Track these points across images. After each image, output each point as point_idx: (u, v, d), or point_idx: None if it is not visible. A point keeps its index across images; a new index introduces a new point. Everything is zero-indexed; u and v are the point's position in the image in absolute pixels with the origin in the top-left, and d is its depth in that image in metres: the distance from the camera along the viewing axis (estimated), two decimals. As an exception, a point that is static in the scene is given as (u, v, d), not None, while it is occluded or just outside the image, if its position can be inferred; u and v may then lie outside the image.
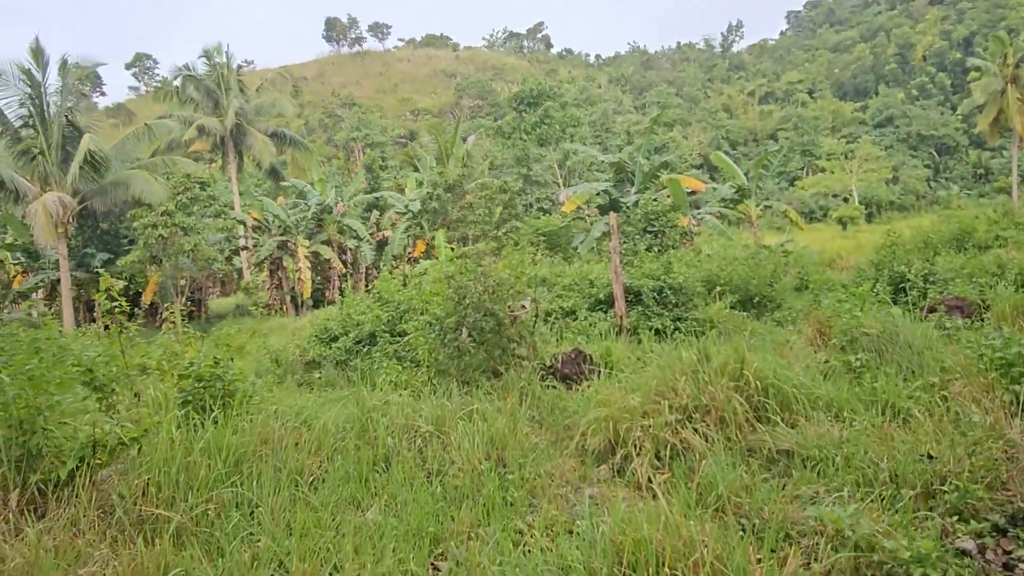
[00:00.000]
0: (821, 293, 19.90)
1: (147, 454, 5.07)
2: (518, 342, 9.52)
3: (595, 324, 14.56)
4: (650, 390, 6.85)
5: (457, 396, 7.97)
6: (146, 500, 4.64)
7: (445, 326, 9.09)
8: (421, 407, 7.39)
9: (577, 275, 16.51)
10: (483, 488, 5.57)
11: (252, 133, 46.30)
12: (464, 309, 8.89)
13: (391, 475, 5.82)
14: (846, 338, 9.06)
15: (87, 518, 4.36)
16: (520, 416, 7.37)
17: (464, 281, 9.02)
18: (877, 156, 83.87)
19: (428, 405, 7.47)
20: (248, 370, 15.39)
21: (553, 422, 7.70)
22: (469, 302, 8.80)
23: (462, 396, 8.56)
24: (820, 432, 6.00)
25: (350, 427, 6.98)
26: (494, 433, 6.47)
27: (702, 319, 15.00)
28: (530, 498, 5.63)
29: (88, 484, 4.61)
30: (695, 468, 5.78)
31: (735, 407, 6.40)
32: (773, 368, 6.96)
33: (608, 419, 6.58)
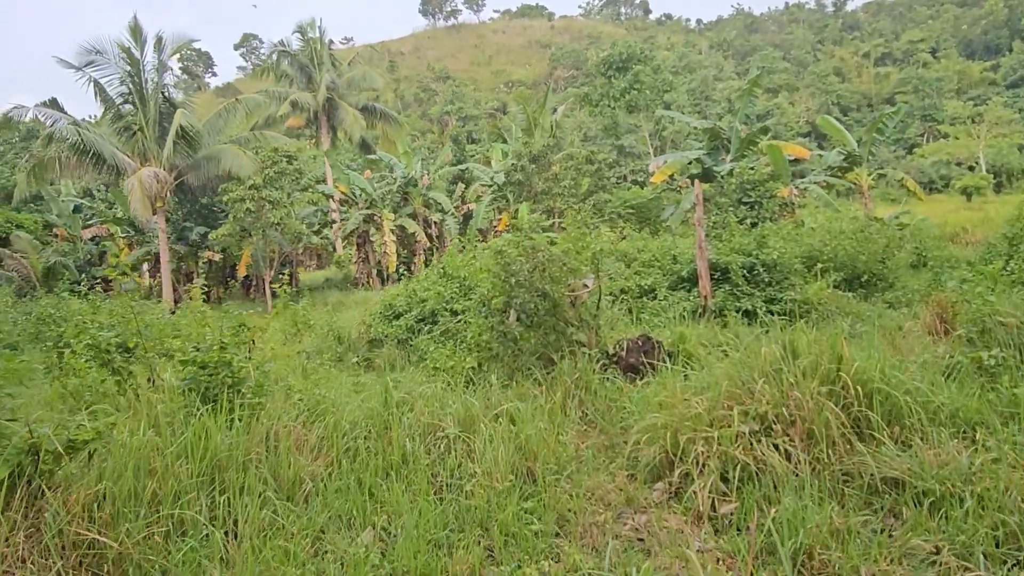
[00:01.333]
0: (942, 271, 17.63)
1: (104, 460, 4.35)
2: (577, 326, 8.41)
3: (676, 304, 13.21)
4: (720, 392, 5.62)
5: (498, 388, 6.97)
6: (87, 519, 3.90)
7: (492, 307, 8.10)
8: (452, 401, 6.44)
9: (659, 250, 15.12)
10: (501, 511, 4.57)
11: (343, 107, 46.56)
12: (512, 288, 7.86)
13: (395, 489, 4.91)
14: (976, 328, 7.43)
15: (11, 542, 3.65)
16: (565, 416, 6.31)
17: (513, 256, 7.97)
18: (1010, 120, 76.17)
19: (460, 399, 6.51)
20: (311, 346, 15.01)
21: (608, 424, 6.59)
22: (516, 281, 7.75)
23: (507, 387, 7.58)
24: (942, 457, 4.64)
25: (370, 423, 6.12)
26: (526, 438, 5.43)
27: (799, 300, 13.35)
28: (557, 528, 4.58)
29: (26, 497, 3.92)
30: (771, 497, 4.57)
31: (827, 419, 5.09)
32: (879, 367, 5.57)
33: (667, 427, 5.42)
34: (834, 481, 4.71)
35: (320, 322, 17.07)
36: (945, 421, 5.38)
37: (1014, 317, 7.33)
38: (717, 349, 9.59)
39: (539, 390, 7.37)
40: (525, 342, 8.25)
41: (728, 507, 4.70)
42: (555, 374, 7.74)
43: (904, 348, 9.59)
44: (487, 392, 6.89)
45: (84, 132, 27.79)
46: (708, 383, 5.91)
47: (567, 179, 31.15)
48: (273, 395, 6.56)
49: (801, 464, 4.83)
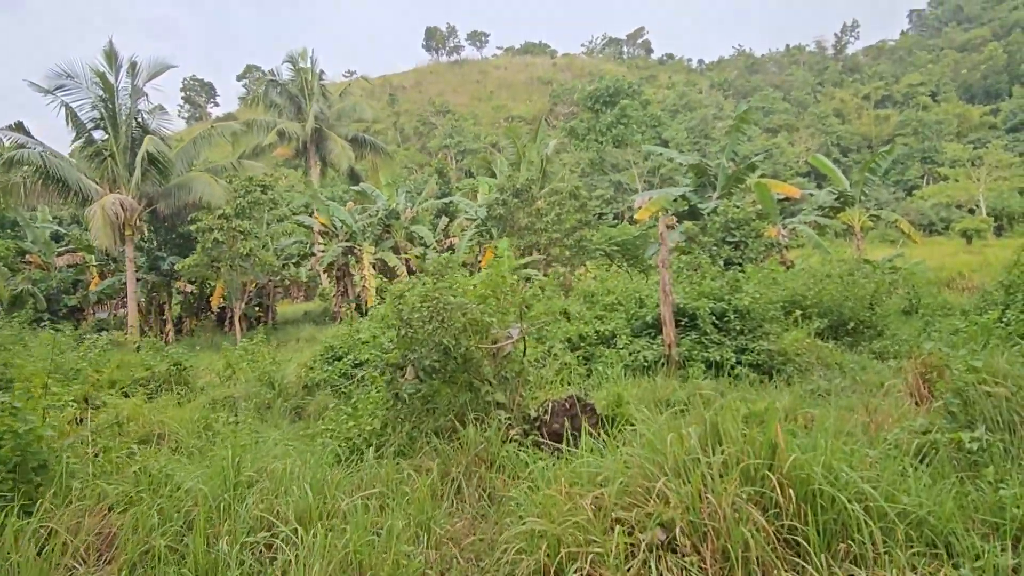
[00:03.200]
0: (934, 320, 16.42)
1: None
2: (495, 385, 7.18)
3: (637, 353, 11.98)
4: (622, 489, 4.39)
5: (374, 463, 5.73)
6: None
7: (387, 362, 6.90)
8: (307, 480, 5.20)
9: (624, 292, 13.93)
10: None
11: (332, 138, 46.00)
12: (409, 341, 6.67)
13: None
14: (957, 400, 6.19)
15: None
16: (438, 505, 5.06)
17: (411, 303, 6.79)
18: (1010, 163, 75.52)
19: (321, 477, 5.27)
20: (240, 392, 13.76)
21: (501, 515, 5.33)
22: (411, 333, 6.56)
23: (404, 458, 6.36)
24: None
25: (197, 510, 4.87)
26: (355, 548, 4.19)
27: (775, 351, 12.12)
28: None
29: None
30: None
31: (751, 534, 3.85)
32: (825, 460, 4.34)
33: (546, 538, 4.17)
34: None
35: (269, 361, 15.85)
36: (908, 534, 4.13)
37: (1004, 387, 6.11)
38: (668, 412, 8.38)
39: (433, 464, 6.14)
40: (428, 402, 7.03)
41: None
42: (460, 444, 6.51)
43: (882, 413, 8.38)
44: (359, 468, 5.66)
45: (48, 157, 26.89)
46: (611, 474, 4.67)
47: (551, 214, 30.12)
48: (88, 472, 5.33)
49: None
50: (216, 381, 14.89)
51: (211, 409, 12.53)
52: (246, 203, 28.37)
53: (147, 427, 9.13)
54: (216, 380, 14.90)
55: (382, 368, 7.02)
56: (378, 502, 5.03)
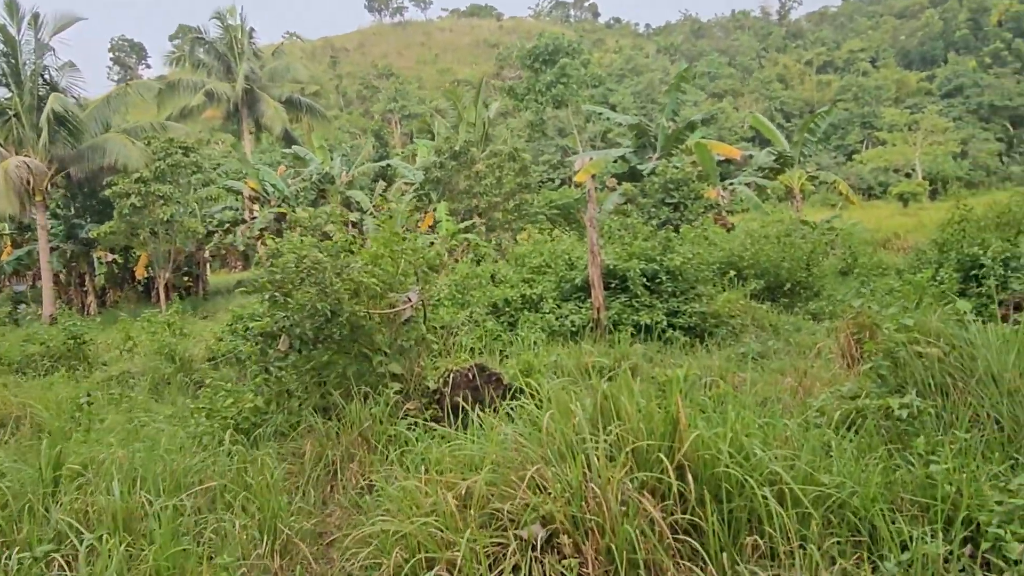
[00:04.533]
0: (869, 279, 16.24)
1: None
2: (389, 355, 6.41)
3: (565, 318, 11.35)
4: (502, 476, 3.69)
5: (227, 448, 4.92)
6: None
7: (257, 333, 6.06)
8: (153, 469, 4.36)
9: (552, 253, 13.23)
10: None
11: (264, 99, 43.89)
12: (282, 307, 5.83)
13: None
14: (887, 362, 5.67)
15: None
16: (302, 497, 4.30)
17: (281, 265, 5.93)
18: (944, 128, 77.29)
19: (163, 467, 4.44)
20: (138, 366, 12.70)
21: (372, 506, 4.58)
22: (283, 298, 5.72)
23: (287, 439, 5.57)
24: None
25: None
26: (159, 560, 3.39)
27: (707, 313, 11.63)
28: None
29: None
30: None
31: (644, 529, 3.20)
32: (735, 435, 3.71)
33: (401, 539, 3.45)
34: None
35: (172, 332, 14.71)
36: (829, 519, 3.55)
37: (937, 347, 5.60)
38: (584, 380, 7.76)
39: (310, 446, 5.36)
40: (317, 375, 6.23)
41: None
42: (347, 421, 5.75)
43: (811, 377, 7.91)
44: (216, 452, 4.84)
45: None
46: (487, 459, 3.96)
47: (490, 177, 29.22)
48: None
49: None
50: (116, 356, 13.77)
51: (104, 386, 11.50)
52: (166, 166, 26.64)
53: (7, 408, 8.11)
54: (117, 355, 13.78)
55: (252, 338, 6.19)
56: (213, 497, 4.24)
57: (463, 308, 11.42)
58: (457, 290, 12.34)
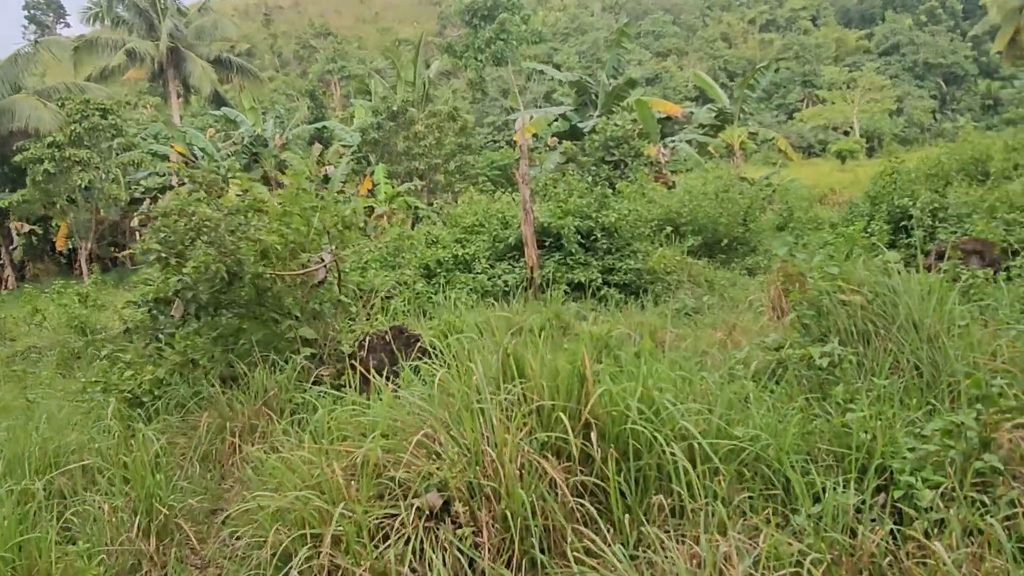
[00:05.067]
0: (803, 233, 16.40)
1: None
2: (300, 319, 6.03)
3: (499, 277, 11.08)
4: (398, 443, 3.41)
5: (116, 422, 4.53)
6: None
7: (148, 299, 5.62)
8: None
9: (485, 212, 12.90)
10: None
11: (191, 58, 41.88)
12: (174, 271, 5.40)
13: None
14: (811, 310, 5.57)
15: None
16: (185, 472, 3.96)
17: (172, 224, 5.47)
18: (881, 86, 78.91)
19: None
20: (46, 341, 12.00)
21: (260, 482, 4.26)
22: (174, 259, 5.29)
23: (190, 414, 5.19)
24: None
25: None
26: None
27: (643, 269, 11.51)
28: None
29: None
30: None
31: (544, 494, 2.97)
32: (645, 391, 3.50)
33: (282, 514, 3.16)
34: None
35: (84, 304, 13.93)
36: (742, 473, 3.39)
37: (861, 294, 5.51)
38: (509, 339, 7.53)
39: (206, 418, 5.00)
40: (223, 342, 5.83)
41: None
42: (253, 391, 5.39)
43: (740, 330, 7.85)
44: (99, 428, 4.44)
45: None
46: (390, 424, 3.67)
47: (429, 138, 28.54)
48: None
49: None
50: (25, 330, 13.00)
51: (7, 362, 10.83)
52: (82, 130, 25.18)
53: None
54: (26, 329, 13.01)
55: (143, 304, 5.74)
56: (94, 478, 3.86)
57: (393, 270, 11.05)
58: (388, 252, 11.94)
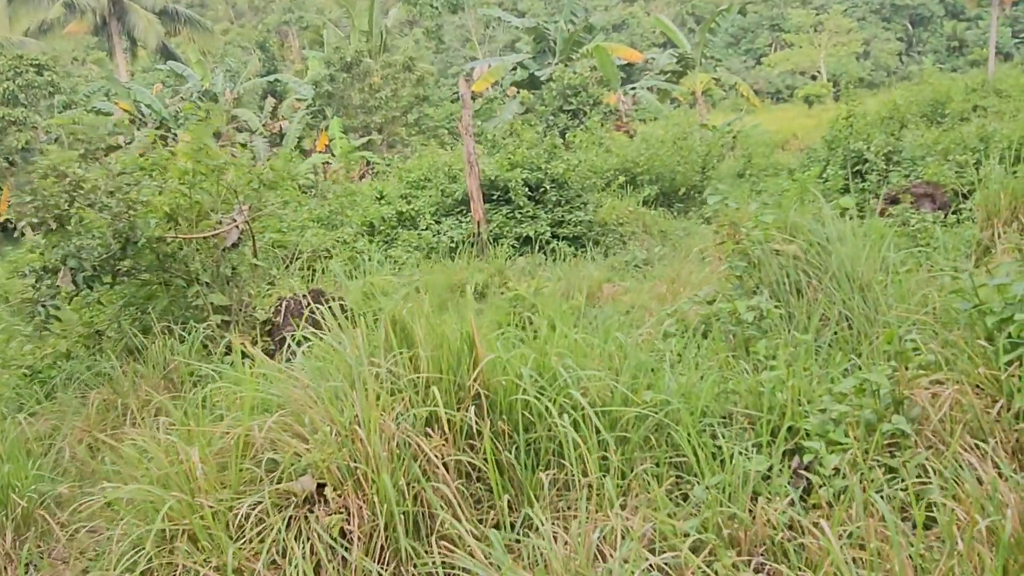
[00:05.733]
0: (760, 180, 16.21)
1: None
2: (210, 285, 5.67)
3: (444, 234, 10.74)
4: (280, 421, 3.13)
5: None
6: None
7: (32, 268, 5.22)
8: None
9: (431, 167, 12.46)
10: None
11: (135, 10, 40.02)
12: (59, 236, 4.99)
13: None
14: (743, 261, 5.35)
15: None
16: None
17: (47, 185, 5.04)
18: (848, 28, 78.25)
19: None
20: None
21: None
22: (58, 220, 4.88)
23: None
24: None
25: None
26: None
27: (594, 221, 11.24)
28: None
29: None
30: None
31: (421, 474, 2.72)
32: (541, 355, 3.25)
33: (138, 506, 2.88)
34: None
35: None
36: (648, 440, 3.17)
37: (796, 243, 5.28)
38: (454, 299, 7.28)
39: (95, 395, 4.68)
40: (133, 310, 5.47)
41: None
42: (151, 364, 5.06)
43: (680, 282, 7.65)
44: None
45: None
46: (275, 398, 3.37)
47: (386, 90, 27.70)
48: None
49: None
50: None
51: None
52: (16, 87, 23.99)
53: None
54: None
55: (29, 274, 5.33)
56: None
57: (335, 229, 10.65)
58: (331, 210, 11.51)
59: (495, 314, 5.39)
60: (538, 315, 3.84)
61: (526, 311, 5.00)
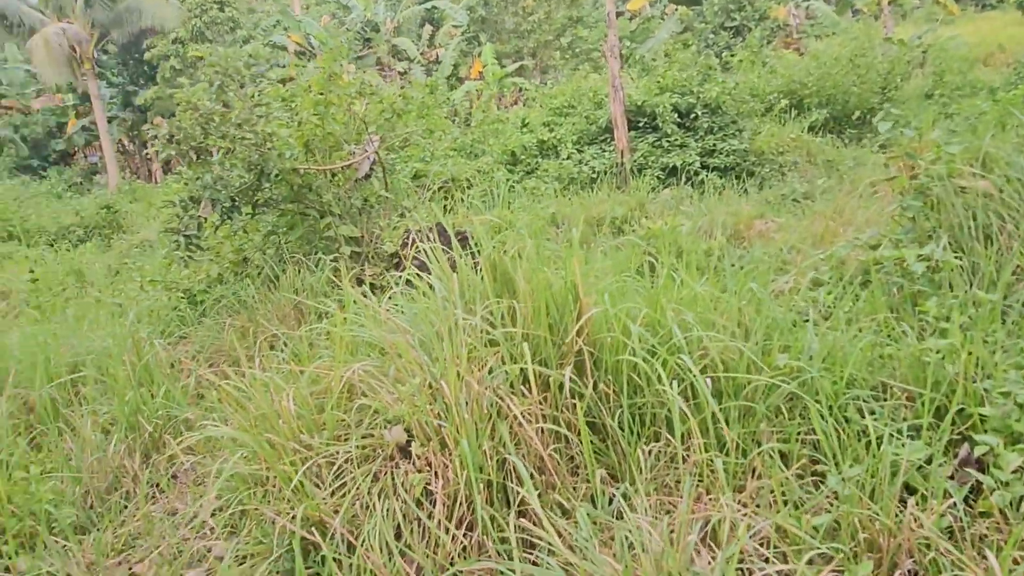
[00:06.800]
0: (953, 101, 14.10)
1: None
2: (341, 216, 5.72)
3: (586, 163, 10.29)
4: (376, 368, 3.02)
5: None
6: None
7: (179, 199, 5.44)
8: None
9: (575, 92, 11.88)
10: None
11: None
12: (201, 168, 5.14)
13: None
14: (918, 200, 4.56)
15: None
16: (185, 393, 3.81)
17: (186, 118, 5.15)
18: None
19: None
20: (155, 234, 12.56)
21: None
22: (194, 150, 5.01)
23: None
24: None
25: None
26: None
27: (749, 150, 10.30)
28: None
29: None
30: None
31: (506, 438, 2.50)
32: (655, 310, 2.89)
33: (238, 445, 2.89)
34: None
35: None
36: (780, 412, 2.75)
37: (987, 178, 4.43)
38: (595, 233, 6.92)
39: (229, 323, 4.88)
40: (265, 241, 5.66)
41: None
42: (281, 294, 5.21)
43: (843, 221, 6.79)
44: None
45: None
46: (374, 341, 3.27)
47: (539, 13, 26.94)
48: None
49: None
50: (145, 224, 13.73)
51: (124, 255, 11.46)
52: (202, 24, 25.70)
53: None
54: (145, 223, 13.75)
55: (176, 204, 5.58)
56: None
57: (475, 159, 10.52)
58: (473, 139, 11.37)
59: (618, 256, 5.00)
60: (661, 259, 3.42)
61: (652, 253, 4.58)
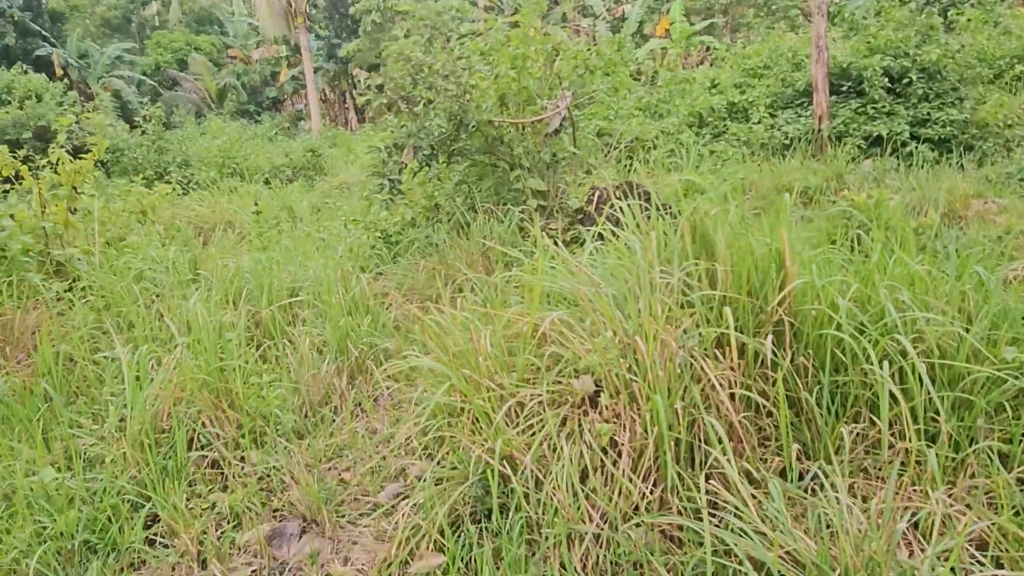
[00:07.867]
0: None
1: None
2: (530, 169, 5.85)
3: (778, 128, 9.72)
4: (572, 315, 3.12)
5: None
6: None
7: (387, 145, 5.76)
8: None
9: (771, 52, 11.12)
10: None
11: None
12: (407, 117, 5.42)
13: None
14: None
15: None
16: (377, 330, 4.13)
17: (397, 69, 5.41)
18: None
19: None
20: (353, 177, 13.43)
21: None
22: (405, 103, 5.28)
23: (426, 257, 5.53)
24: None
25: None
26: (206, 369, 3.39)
27: (970, 120, 9.22)
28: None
29: None
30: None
31: (699, 401, 2.51)
32: (867, 285, 2.73)
33: (434, 376, 3.11)
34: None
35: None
36: (1003, 407, 2.54)
37: None
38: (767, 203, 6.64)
39: (423, 265, 5.20)
40: (456, 188, 5.93)
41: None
42: (471, 243, 5.46)
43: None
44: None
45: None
46: (566, 294, 3.36)
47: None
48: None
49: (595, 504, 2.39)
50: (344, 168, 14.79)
51: (325, 195, 12.41)
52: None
53: (221, 215, 9.02)
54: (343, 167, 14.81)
55: (383, 151, 5.93)
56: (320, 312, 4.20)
57: (661, 119, 10.27)
58: (659, 99, 11.08)
59: (820, 227, 4.72)
60: (873, 233, 3.20)
61: (859, 227, 4.28)
